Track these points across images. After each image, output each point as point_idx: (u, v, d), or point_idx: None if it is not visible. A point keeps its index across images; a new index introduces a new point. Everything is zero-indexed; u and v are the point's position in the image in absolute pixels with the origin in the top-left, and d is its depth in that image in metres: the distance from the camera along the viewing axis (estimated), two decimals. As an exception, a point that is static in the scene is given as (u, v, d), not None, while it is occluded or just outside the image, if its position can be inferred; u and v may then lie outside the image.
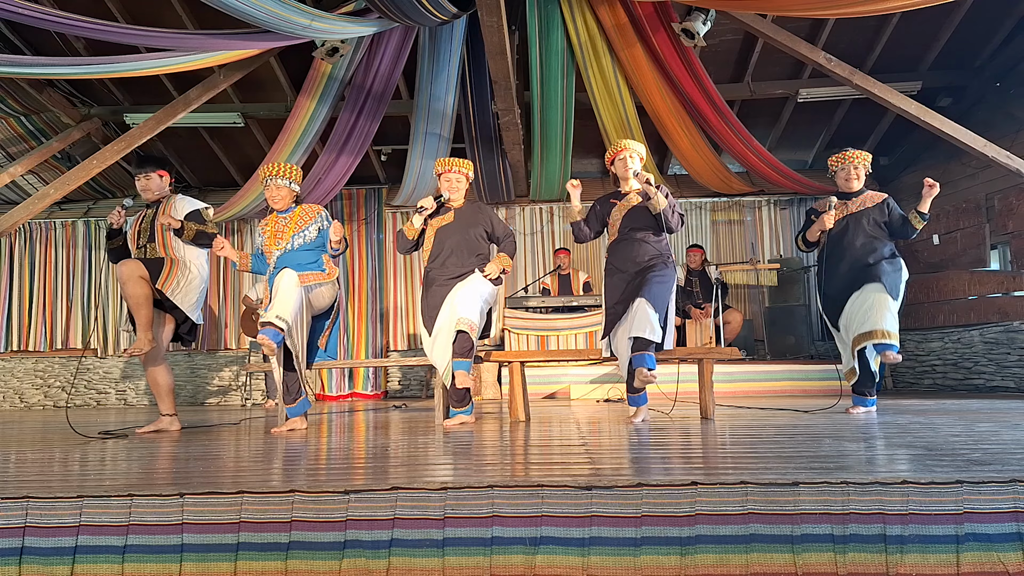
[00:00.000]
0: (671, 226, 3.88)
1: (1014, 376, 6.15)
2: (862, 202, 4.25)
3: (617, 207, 4.03)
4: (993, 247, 6.79)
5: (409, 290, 8.55)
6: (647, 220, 3.92)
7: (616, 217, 4.02)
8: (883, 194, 4.30)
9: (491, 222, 4.17)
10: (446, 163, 4.15)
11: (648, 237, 3.91)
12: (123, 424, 4.62)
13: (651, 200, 3.81)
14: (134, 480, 2.12)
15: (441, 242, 4.08)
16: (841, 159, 4.28)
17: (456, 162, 4.15)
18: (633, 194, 4.00)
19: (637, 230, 3.93)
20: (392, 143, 7.83)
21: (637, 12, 5.74)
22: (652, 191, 3.78)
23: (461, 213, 4.15)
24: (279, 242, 3.90)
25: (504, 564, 1.77)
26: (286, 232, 3.92)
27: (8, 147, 7.17)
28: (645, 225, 3.93)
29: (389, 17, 5.02)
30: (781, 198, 8.46)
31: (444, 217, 4.14)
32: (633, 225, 3.94)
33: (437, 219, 4.15)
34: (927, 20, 6.22)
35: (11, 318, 8.45)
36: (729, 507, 1.78)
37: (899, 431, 3.09)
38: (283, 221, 3.97)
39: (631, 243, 3.93)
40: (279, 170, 3.94)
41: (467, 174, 4.19)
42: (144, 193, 4.06)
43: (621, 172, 4.01)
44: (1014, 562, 1.71)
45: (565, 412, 4.86)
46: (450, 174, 4.14)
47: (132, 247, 4.06)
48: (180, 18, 5.99)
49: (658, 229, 3.91)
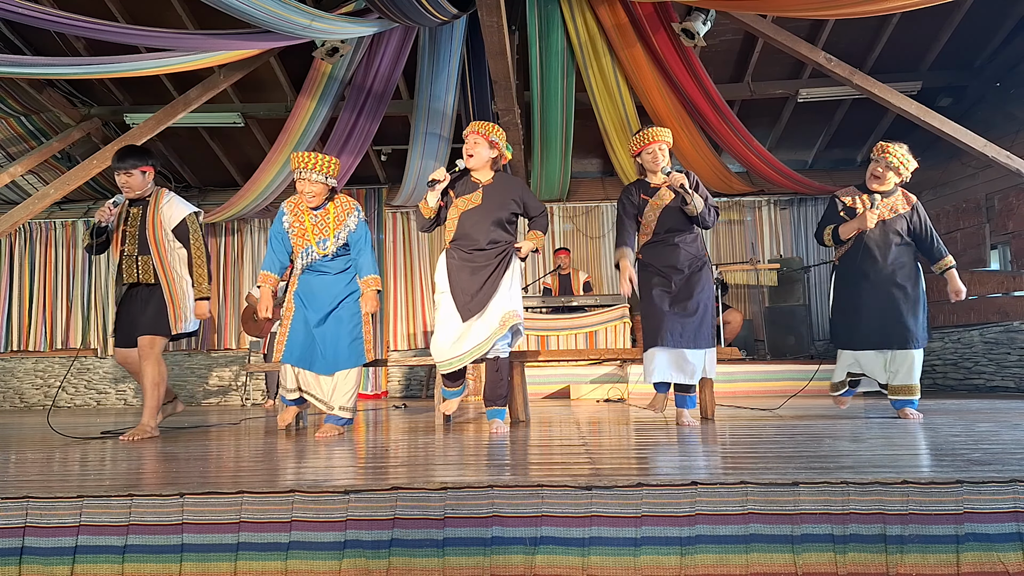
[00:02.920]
0: (707, 223, 3.76)
1: (1014, 376, 6.15)
2: (893, 206, 3.82)
3: (650, 206, 3.82)
4: (993, 247, 6.79)
5: (409, 290, 8.55)
6: (682, 220, 3.77)
7: (650, 217, 3.81)
8: (913, 196, 3.90)
9: (522, 198, 3.66)
10: (468, 126, 3.65)
11: (685, 239, 3.77)
12: (121, 424, 4.62)
13: (687, 205, 3.69)
14: (134, 480, 2.12)
15: (464, 227, 3.55)
16: (881, 149, 3.76)
17: (477, 124, 3.60)
18: (664, 188, 3.79)
19: (673, 232, 3.77)
20: (392, 143, 7.83)
21: (637, 12, 5.74)
22: (689, 195, 3.65)
23: (489, 191, 3.58)
24: (321, 242, 3.57)
25: (504, 564, 1.77)
26: (317, 233, 3.58)
27: (8, 147, 7.17)
28: (680, 226, 3.78)
29: (389, 17, 5.02)
30: (781, 198, 8.46)
31: (470, 198, 3.57)
32: (669, 227, 3.78)
33: (463, 199, 3.58)
34: (927, 20, 6.22)
35: (11, 318, 8.45)
36: (729, 507, 1.78)
37: (899, 431, 3.09)
38: (315, 219, 3.60)
39: (667, 247, 3.77)
40: (313, 163, 3.48)
41: (488, 136, 3.55)
42: (125, 191, 3.69)
43: (650, 166, 3.82)
44: (1014, 562, 1.71)
45: (565, 412, 4.86)
46: (469, 136, 3.59)
47: (115, 248, 3.76)
48: (180, 18, 5.99)
49: (691, 226, 3.80)
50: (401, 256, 8.62)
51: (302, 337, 3.55)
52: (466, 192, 3.60)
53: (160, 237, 3.67)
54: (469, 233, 3.54)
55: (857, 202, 3.87)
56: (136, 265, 3.67)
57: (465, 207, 3.57)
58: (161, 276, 3.67)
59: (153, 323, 3.64)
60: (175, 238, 3.72)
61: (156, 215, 3.69)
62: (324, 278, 3.61)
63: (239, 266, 8.56)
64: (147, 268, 3.66)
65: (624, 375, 6.48)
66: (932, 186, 7.33)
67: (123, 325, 3.73)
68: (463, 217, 3.56)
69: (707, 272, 3.78)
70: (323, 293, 3.59)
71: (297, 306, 3.60)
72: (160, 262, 3.67)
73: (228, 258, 8.57)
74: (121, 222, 3.75)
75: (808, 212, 8.47)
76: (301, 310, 3.59)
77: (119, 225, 3.76)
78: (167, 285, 3.66)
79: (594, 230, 8.67)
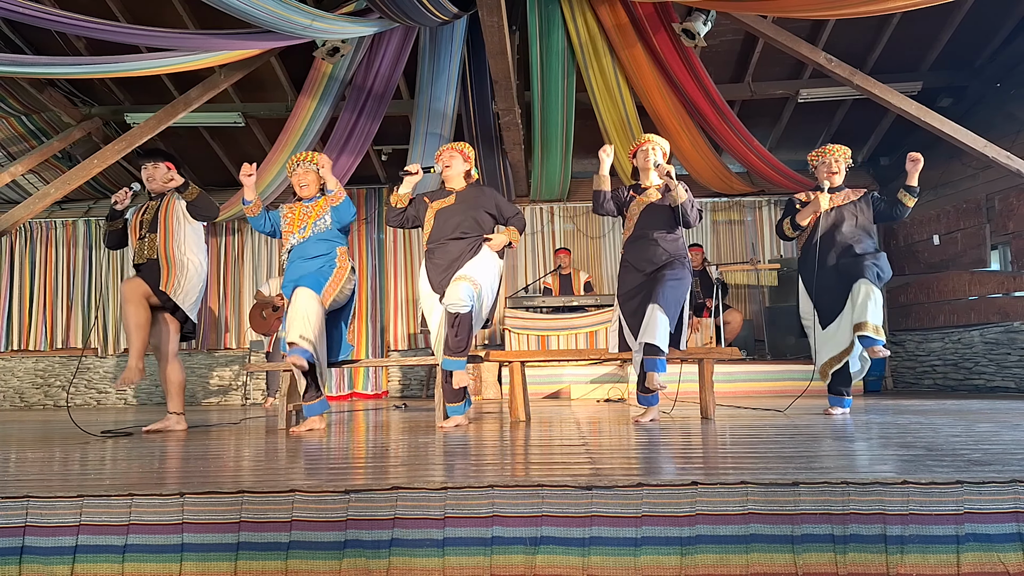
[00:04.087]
0: (688, 220, 3.87)
1: (1014, 376, 6.15)
2: (846, 196, 4.30)
3: (636, 201, 4.01)
4: (993, 247, 6.79)
5: (409, 290, 8.55)
6: (664, 219, 3.91)
7: (634, 211, 4.00)
8: (863, 188, 4.42)
9: (496, 204, 4.00)
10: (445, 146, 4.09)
11: (664, 236, 3.89)
12: (121, 424, 4.62)
13: (671, 192, 3.83)
14: (134, 479, 2.12)
15: (441, 224, 3.90)
16: (821, 153, 4.35)
17: (453, 144, 4.06)
18: (652, 189, 3.98)
19: (653, 229, 3.91)
20: (392, 143, 7.83)
21: (637, 12, 5.74)
22: (673, 183, 3.80)
23: (463, 195, 3.98)
24: (299, 230, 3.92)
25: (504, 564, 1.77)
26: (303, 220, 3.93)
27: (9, 146, 7.17)
28: (661, 224, 3.91)
29: (390, 17, 5.02)
30: (781, 198, 8.45)
31: (445, 200, 3.97)
32: (649, 223, 3.92)
33: (438, 201, 3.98)
34: (927, 21, 6.21)
35: (11, 318, 8.46)
36: (729, 507, 1.78)
37: (899, 431, 3.08)
38: (306, 209, 3.97)
39: (646, 242, 3.90)
40: (301, 156, 3.98)
41: (464, 152, 4.02)
42: (149, 183, 4.04)
43: (642, 164, 4.01)
44: (1014, 562, 1.71)
45: (565, 412, 4.86)
46: (445, 152, 4.03)
47: (132, 237, 4.04)
48: (181, 18, 5.99)
49: (673, 226, 3.91)
50: (401, 256, 8.62)
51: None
52: (441, 197, 4.00)
53: (170, 221, 3.95)
54: (442, 227, 3.87)
55: (810, 196, 4.35)
56: (144, 245, 3.94)
57: (440, 206, 3.95)
58: (162, 251, 3.91)
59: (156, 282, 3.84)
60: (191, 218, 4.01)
61: (171, 202, 4.02)
62: (303, 262, 3.87)
63: (239, 266, 8.57)
64: (152, 246, 3.92)
65: (624, 375, 6.48)
66: (932, 186, 7.32)
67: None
68: (438, 215, 3.93)
69: (682, 267, 3.86)
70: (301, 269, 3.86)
71: (286, 295, 3.85)
72: (164, 241, 3.92)
73: (228, 258, 8.58)
74: (140, 213, 4.06)
75: (808, 212, 8.46)
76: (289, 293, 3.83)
77: (137, 218, 4.04)
78: (165, 256, 3.89)
79: (594, 230, 8.67)
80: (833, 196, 4.28)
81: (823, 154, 4.35)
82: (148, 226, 3.97)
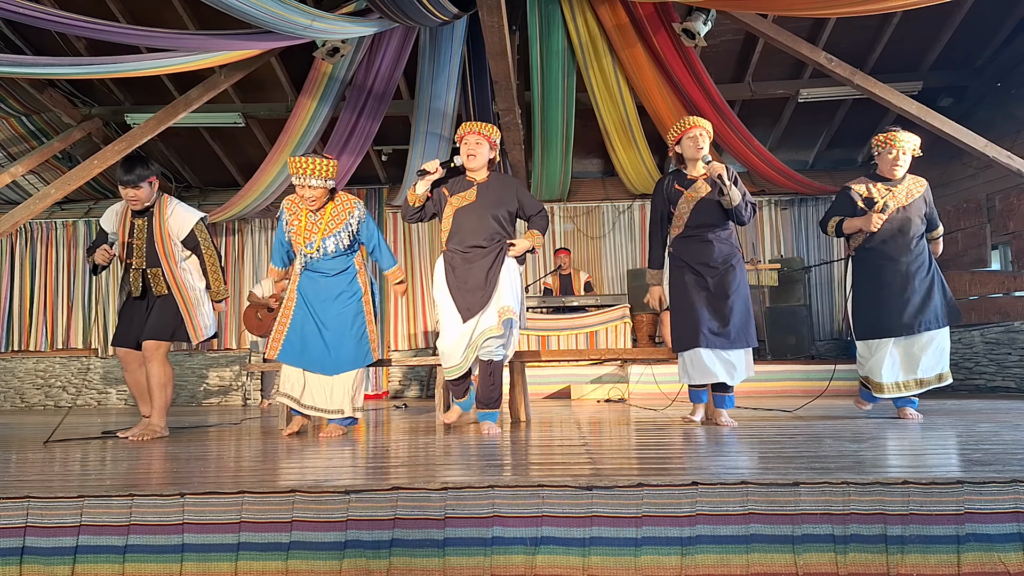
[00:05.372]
0: (743, 219, 3.62)
1: (1015, 376, 6.14)
2: (908, 192, 3.77)
3: (684, 198, 3.66)
4: (994, 247, 6.79)
5: (409, 290, 8.55)
6: (716, 215, 3.62)
7: (684, 210, 3.65)
8: (924, 180, 3.85)
9: (519, 198, 3.61)
10: (468, 125, 3.59)
11: (718, 235, 3.62)
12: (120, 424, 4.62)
13: (724, 195, 3.56)
14: (135, 480, 2.12)
15: (461, 223, 3.51)
16: (889, 140, 3.74)
17: (479, 124, 3.56)
18: (700, 181, 3.65)
19: (705, 227, 3.62)
20: (393, 143, 7.83)
21: (638, 12, 5.74)
22: (728, 187, 3.52)
23: (484, 190, 3.54)
24: (309, 243, 3.50)
25: (504, 564, 1.77)
26: (316, 233, 3.50)
27: (9, 147, 7.18)
28: (714, 220, 3.62)
29: (390, 17, 5.02)
30: (782, 198, 8.46)
31: (465, 195, 3.54)
32: (702, 221, 3.62)
33: (457, 197, 3.54)
34: (928, 20, 6.21)
35: (12, 318, 8.45)
36: (729, 507, 1.78)
37: (899, 431, 3.08)
38: (313, 218, 3.53)
39: (698, 241, 3.63)
40: (311, 169, 3.38)
41: (491, 139, 3.54)
42: (132, 204, 3.56)
43: (691, 153, 3.65)
44: (1015, 562, 1.71)
45: (566, 412, 4.86)
46: (470, 136, 3.52)
47: (121, 259, 3.66)
48: (181, 18, 6.00)
49: (725, 221, 3.65)
50: (401, 256, 8.62)
51: (301, 335, 3.49)
52: (460, 190, 3.56)
53: (170, 248, 3.59)
54: (464, 230, 3.49)
55: (872, 191, 3.78)
56: (145, 278, 3.59)
57: (460, 204, 3.53)
58: (174, 287, 3.58)
59: (157, 328, 3.55)
60: (185, 247, 3.67)
61: (163, 226, 3.59)
62: (323, 279, 3.53)
63: (239, 266, 8.57)
64: (158, 280, 3.57)
65: (625, 375, 6.48)
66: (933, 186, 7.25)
67: (123, 326, 3.65)
68: (458, 214, 3.52)
69: (741, 268, 3.66)
70: (324, 293, 3.53)
71: (299, 303, 3.54)
72: (172, 274, 3.58)
73: (228, 258, 8.57)
74: (126, 235, 3.61)
75: (809, 212, 8.47)
76: (303, 308, 3.53)
77: (124, 238, 3.62)
78: (181, 297, 3.58)
79: (595, 230, 8.67)
80: (895, 190, 3.76)
81: (891, 141, 3.73)
82: (146, 257, 3.57)
